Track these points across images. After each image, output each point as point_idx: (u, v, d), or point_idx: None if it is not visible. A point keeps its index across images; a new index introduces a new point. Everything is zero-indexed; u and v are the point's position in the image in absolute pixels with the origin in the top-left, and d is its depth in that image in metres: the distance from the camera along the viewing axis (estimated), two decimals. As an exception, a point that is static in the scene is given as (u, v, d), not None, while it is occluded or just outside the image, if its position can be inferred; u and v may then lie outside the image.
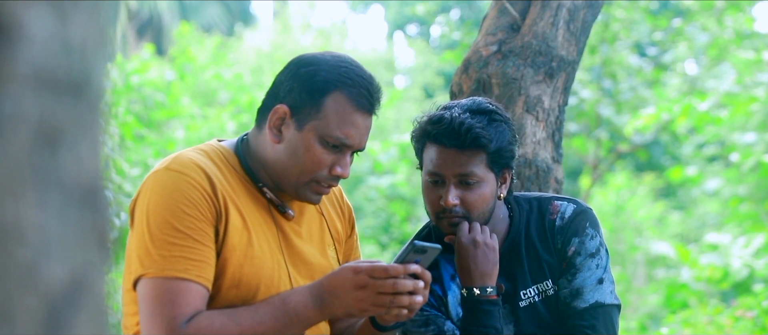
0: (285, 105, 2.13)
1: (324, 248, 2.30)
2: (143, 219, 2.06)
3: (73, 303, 0.90)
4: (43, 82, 0.88)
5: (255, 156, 2.19)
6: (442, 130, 2.33)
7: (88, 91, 0.92)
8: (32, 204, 0.87)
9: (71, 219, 0.90)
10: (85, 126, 0.91)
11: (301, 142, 2.12)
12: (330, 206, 2.37)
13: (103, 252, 0.93)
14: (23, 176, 0.87)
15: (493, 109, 2.37)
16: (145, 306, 2.03)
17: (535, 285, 2.44)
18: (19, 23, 0.87)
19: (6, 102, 0.86)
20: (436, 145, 2.35)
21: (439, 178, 2.35)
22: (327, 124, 2.11)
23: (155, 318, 2.01)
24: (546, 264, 2.45)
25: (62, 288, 0.89)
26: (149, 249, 2.03)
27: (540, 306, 2.43)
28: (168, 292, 2.01)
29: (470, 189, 2.34)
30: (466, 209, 2.35)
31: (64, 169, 0.90)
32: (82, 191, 0.91)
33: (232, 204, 2.11)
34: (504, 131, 2.36)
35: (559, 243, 2.45)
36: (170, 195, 2.04)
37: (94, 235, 0.92)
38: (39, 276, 0.87)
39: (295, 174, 2.13)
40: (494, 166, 2.36)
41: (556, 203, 2.50)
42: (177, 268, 2.02)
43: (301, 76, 2.13)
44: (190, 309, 2.01)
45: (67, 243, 0.89)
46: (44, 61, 0.88)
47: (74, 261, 0.90)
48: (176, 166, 2.08)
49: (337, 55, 2.20)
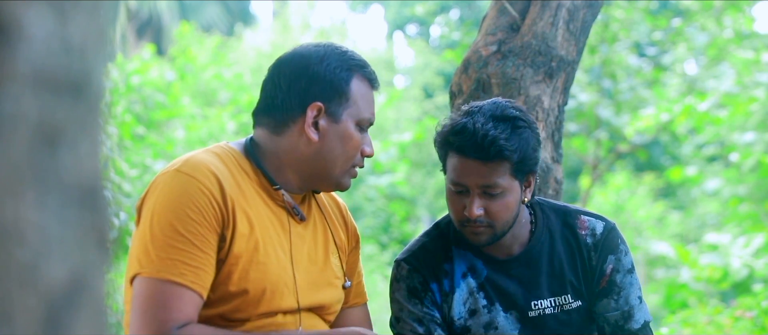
0: (319, 102, 2.16)
1: (327, 256, 2.30)
2: (148, 219, 2.06)
3: (72, 303, 0.90)
4: (42, 82, 0.88)
5: (276, 159, 2.20)
6: (465, 141, 2.30)
7: (88, 91, 0.92)
8: (32, 205, 0.87)
9: (71, 219, 0.90)
10: (85, 126, 0.91)
11: (343, 132, 2.18)
12: (334, 216, 2.37)
13: (102, 252, 0.93)
14: (23, 176, 0.87)
15: (516, 114, 2.34)
16: (138, 304, 2.03)
17: (553, 298, 2.42)
18: (18, 23, 0.87)
19: (6, 102, 0.86)
20: (459, 156, 2.32)
21: (463, 188, 2.33)
22: (358, 108, 2.20)
23: (145, 319, 2.01)
24: (570, 279, 2.43)
25: (62, 288, 0.89)
26: (149, 249, 2.03)
27: (551, 319, 2.41)
28: (161, 294, 2.01)
29: (494, 200, 2.32)
30: (490, 219, 2.33)
31: (64, 169, 0.90)
32: (82, 191, 0.91)
33: (240, 210, 2.11)
34: (528, 138, 2.33)
35: (594, 260, 2.43)
36: (177, 198, 2.04)
37: (93, 235, 0.92)
38: (39, 276, 0.88)
39: (341, 164, 2.19)
40: (518, 173, 2.33)
41: (584, 218, 2.48)
42: (173, 272, 2.02)
43: (319, 73, 2.17)
44: (182, 314, 2.01)
45: (66, 243, 0.89)
46: (44, 60, 0.88)
47: (74, 261, 0.90)
48: (187, 169, 2.08)
49: (319, 43, 2.26)
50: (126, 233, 5.78)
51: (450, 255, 2.45)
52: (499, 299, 2.42)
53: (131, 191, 7.65)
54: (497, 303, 2.41)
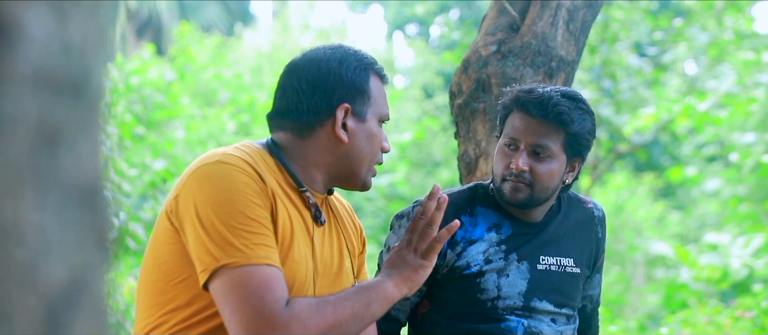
0: (346, 103, 2.20)
1: (342, 260, 2.31)
2: (206, 213, 2.02)
3: (72, 303, 0.90)
4: (42, 82, 0.88)
5: (303, 160, 2.21)
6: (531, 99, 2.45)
7: (88, 91, 0.92)
8: (32, 205, 0.87)
9: (70, 219, 0.90)
10: (85, 126, 0.91)
11: (369, 131, 2.23)
12: (345, 219, 2.39)
13: (102, 252, 0.93)
14: (23, 176, 0.87)
15: (582, 99, 2.51)
16: (236, 296, 1.98)
17: (559, 257, 2.57)
18: (18, 23, 0.87)
19: (6, 102, 0.86)
20: (522, 113, 2.47)
21: (515, 144, 2.47)
22: (378, 106, 2.25)
23: (251, 306, 1.97)
24: (574, 247, 2.60)
25: (62, 288, 0.89)
26: (229, 239, 2.00)
27: (554, 276, 2.56)
28: (260, 279, 1.99)
29: (541, 161, 2.46)
30: (533, 178, 2.46)
31: (64, 169, 0.90)
32: (82, 191, 0.91)
33: (280, 202, 2.12)
34: (586, 120, 2.48)
35: (600, 233, 2.65)
36: (233, 186, 2.03)
37: (93, 235, 0.92)
38: (38, 276, 0.87)
39: (368, 162, 2.24)
40: (569, 148, 2.47)
41: (584, 198, 2.70)
42: (261, 255, 2.01)
43: (342, 75, 2.21)
44: (284, 293, 2.00)
45: (66, 243, 0.89)
46: (44, 60, 0.88)
47: (74, 261, 0.90)
48: (228, 159, 2.08)
49: (331, 45, 2.29)
50: (126, 233, 5.78)
51: (471, 211, 2.56)
52: (516, 252, 2.54)
53: (131, 191, 7.65)
54: (513, 254, 2.54)
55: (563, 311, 2.56)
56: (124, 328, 5.71)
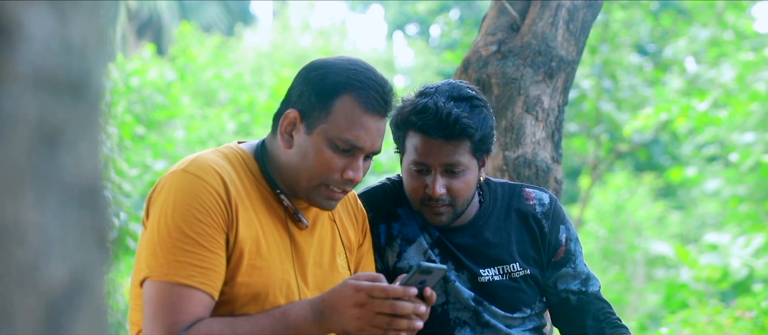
0: (295, 109, 2.12)
1: (334, 258, 2.28)
2: (155, 221, 2.05)
3: (72, 303, 0.90)
4: (42, 82, 0.88)
5: (272, 162, 2.18)
6: (428, 120, 2.32)
7: (88, 91, 0.92)
8: (32, 204, 0.87)
9: (71, 219, 0.90)
10: (85, 126, 0.91)
11: (311, 146, 2.10)
12: (343, 213, 2.36)
13: (102, 252, 0.93)
14: (23, 176, 0.87)
15: (473, 93, 2.39)
16: (148, 308, 2.03)
17: (500, 266, 2.48)
18: (18, 23, 0.87)
19: (6, 102, 0.86)
20: (421, 135, 2.35)
21: (425, 168, 2.37)
22: (336, 126, 2.09)
23: (156, 322, 2.01)
24: (517, 248, 2.50)
25: (62, 288, 0.89)
26: (157, 251, 2.03)
27: (500, 287, 2.47)
28: (170, 297, 2.01)
29: (456, 178, 2.37)
30: (451, 197, 2.38)
31: (64, 169, 0.90)
32: (82, 191, 0.91)
33: (243, 211, 2.10)
34: (486, 117, 2.38)
35: (546, 228, 2.52)
36: (184, 199, 2.04)
37: (93, 235, 0.92)
38: (39, 276, 0.87)
39: (306, 178, 2.12)
40: (477, 152, 2.38)
41: (528, 190, 2.56)
42: (182, 274, 2.01)
43: (311, 80, 2.12)
44: (191, 315, 2.01)
45: (66, 243, 0.89)
46: (44, 60, 0.88)
47: (74, 261, 0.90)
48: (193, 169, 2.07)
49: (349, 58, 2.18)
50: (126, 233, 5.78)
51: (402, 204, 2.49)
52: (451, 258, 2.48)
53: (131, 191, 7.65)
54: (449, 261, 2.48)
55: (516, 315, 2.49)
56: (124, 328, 5.71)
